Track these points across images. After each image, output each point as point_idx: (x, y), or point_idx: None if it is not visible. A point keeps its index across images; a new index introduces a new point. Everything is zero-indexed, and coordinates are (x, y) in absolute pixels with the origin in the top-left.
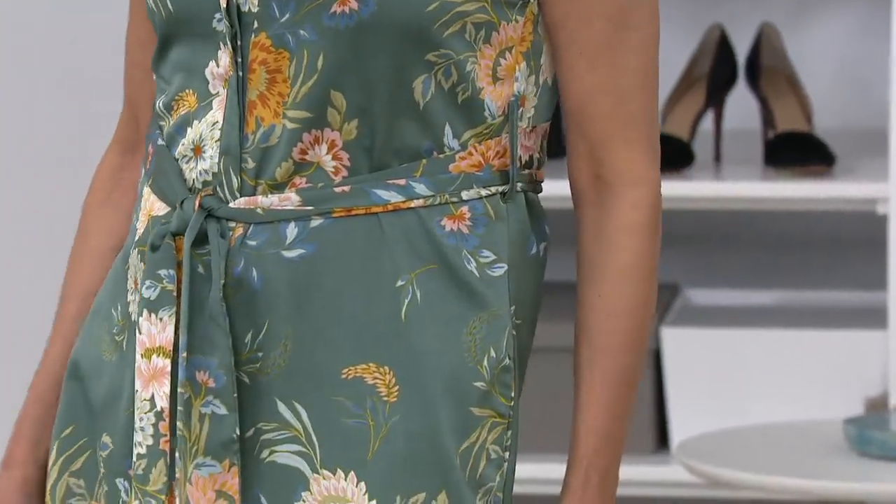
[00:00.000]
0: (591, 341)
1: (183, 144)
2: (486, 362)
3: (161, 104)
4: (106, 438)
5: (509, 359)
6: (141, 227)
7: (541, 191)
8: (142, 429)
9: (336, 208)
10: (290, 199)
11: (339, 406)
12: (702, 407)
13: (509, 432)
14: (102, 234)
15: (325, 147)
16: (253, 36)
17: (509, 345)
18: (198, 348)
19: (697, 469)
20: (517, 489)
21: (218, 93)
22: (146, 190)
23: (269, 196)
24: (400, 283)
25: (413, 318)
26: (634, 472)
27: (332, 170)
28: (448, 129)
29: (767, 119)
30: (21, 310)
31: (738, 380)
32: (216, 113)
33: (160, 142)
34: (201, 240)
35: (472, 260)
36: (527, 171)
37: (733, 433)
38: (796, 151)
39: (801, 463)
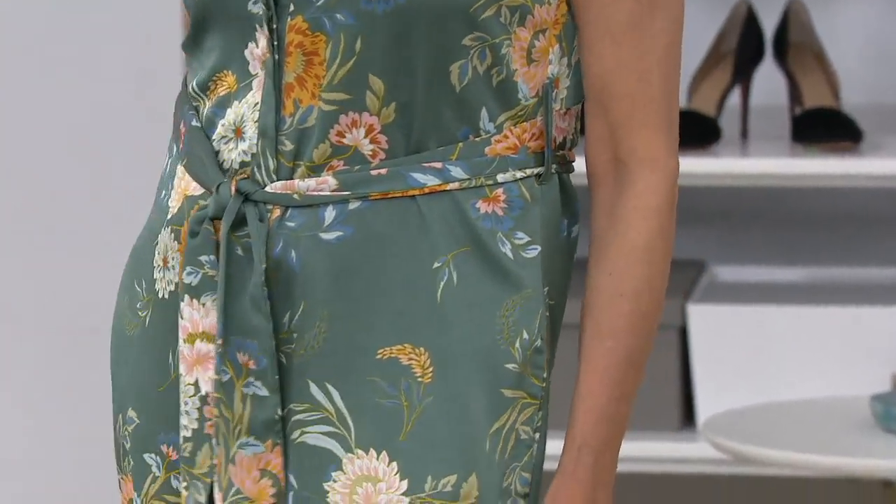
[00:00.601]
0: (596, 321)
1: (223, 125)
2: (518, 344)
3: (196, 84)
4: (132, 413)
5: (542, 340)
6: (174, 205)
7: (573, 170)
8: (187, 413)
9: (373, 192)
10: (327, 183)
11: (374, 386)
12: (728, 384)
13: (540, 413)
14: None
15: (362, 130)
16: (289, 19)
17: (542, 326)
18: (239, 331)
19: (723, 446)
20: (545, 466)
21: (257, 74)
22: (180, 169)
23: (307, 180)
24: (437, 264)
25: (448, 300)
26: (660, 449)
27: (370, 153)
28: (484, 113)
29: (795, 95)
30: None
31: (765, 356)
32: (256, 94)
33: (195, 122)
34: (239, 222)
35: (506, 242)
36: (560, 153)
37: (759, 410)
38: (823, 127)
39: (828, 439)
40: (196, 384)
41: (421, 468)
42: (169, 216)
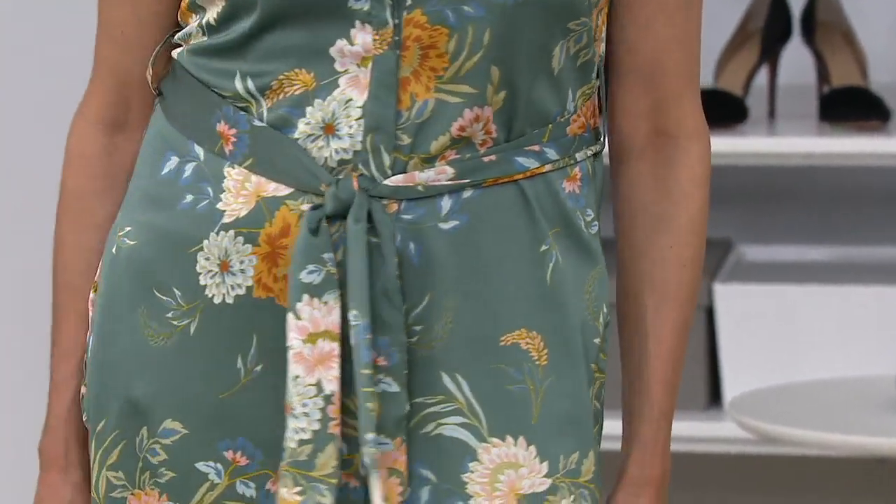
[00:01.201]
0: (660, 292)
1: (308, 124)
2: (600, 318)
3: (248, 87)
4: (172, 424)
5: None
6: (240, 208)
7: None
8: (306, 414)
9: (488, 178)
10: (445, 173)
11: (501, 373)
12: (755, 363)
13: (603, 386)
14: (107, 224)
15: (479, 121)
16: (406, 13)
17: (609, 300)
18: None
19: (750, 425)
20: None
21: (347, 70)
22: (237, 171)
23: (425, 171)
24: (544, 247)
25: (555, 281)
26: (687, 429)
27: (480, 142)
28: (570, 93)
29: (822, 74)
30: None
31: (792, 336)
32: (347, 91)
33: (257, 122)
34: (346, 218)
35: (581, 219)
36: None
37: (786, 389)
38: (851, 106)
39: (854, 419)
40: (318, 384)
41: (554, 449)
42: (227, 220)
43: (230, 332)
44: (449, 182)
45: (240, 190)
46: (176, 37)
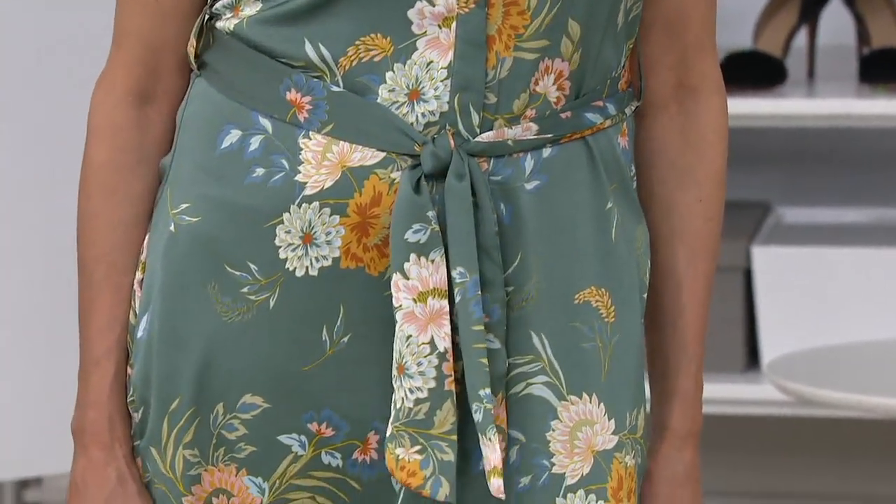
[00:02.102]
0: (691, 246)
1: (392, 91)
2: (647, 274)
3: (321, 53)
4: (252, 399)
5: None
6: (324, 179)
7: None
8: (421, 373)
9: (566, 134)
10: (530, 129)
11: (576, 332)
12: (792, 325)
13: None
14: (144, 198)
15: (552, 77)
16: None
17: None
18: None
19: (788, 388)
20: None
21: (426, 32)
22: (314, 141)
23: (513, 128)
24: (609, 205)
25: (618, 238)
26: (725, 391)
27: (555, 100)
28: (623, 48)
29: (862, 35)
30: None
31: (830, 298)
32: (427, 53)
33: (335, 88)
34: (441, 177)
35: (629, 174)
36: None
37: (824, 352)
38: (891, 68)
39: (892, 381)
40: (432, 342)
41: (620, 406)
42: (310, 192)
43: (314, 304)
44: (534, 137)
45: (321, 161)
46: (215, 6)
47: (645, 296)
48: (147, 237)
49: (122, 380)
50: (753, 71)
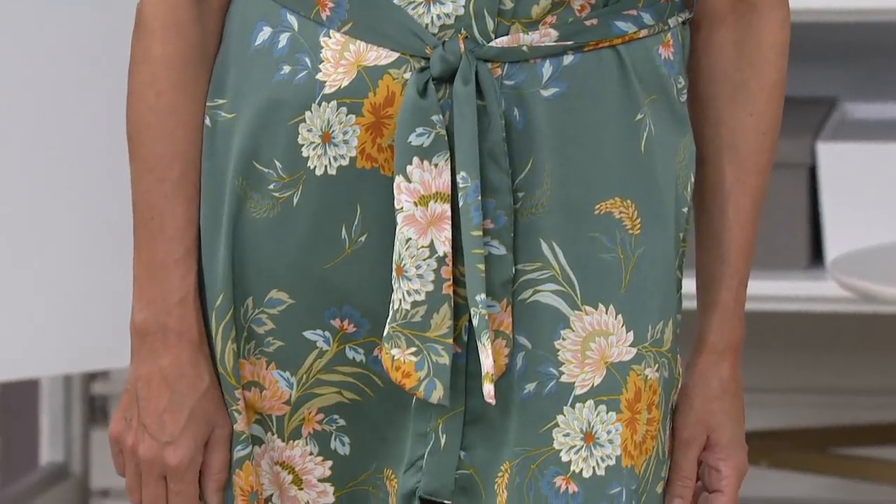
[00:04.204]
0: (742, 159)
1: None
2: (688, 188)
3: None
4: (278, 294)
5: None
6: (341, 78)
7: None
8: (420, 276)
9: (589, 42)
10: (549, 35)
11: (595, 242)
12: (857, 222)
13: (684, 255)
14: (200, 97)
15: None
16: None
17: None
18: None
19: (851, 284)
20: None
21: None
22: (334, 40)
23: (529, 34)
24: (639, 116)
25: (649, 150)
26: (788, 288)
27: (579, 7)
28: None
29: None
30: None
31: (895, 195)
32: None
33: None
34: (453, 82)
35: (674, 86)
36: None
37: (888, 249)
38: None
39: None
40: (431, 246)
41: (641, 318)
42: (329, 91)
43: (334, 202)
44: (553, 44)
45: (339, 60)
46: None
47: (685, 210)
48: None
49: (199, 279)
50: None
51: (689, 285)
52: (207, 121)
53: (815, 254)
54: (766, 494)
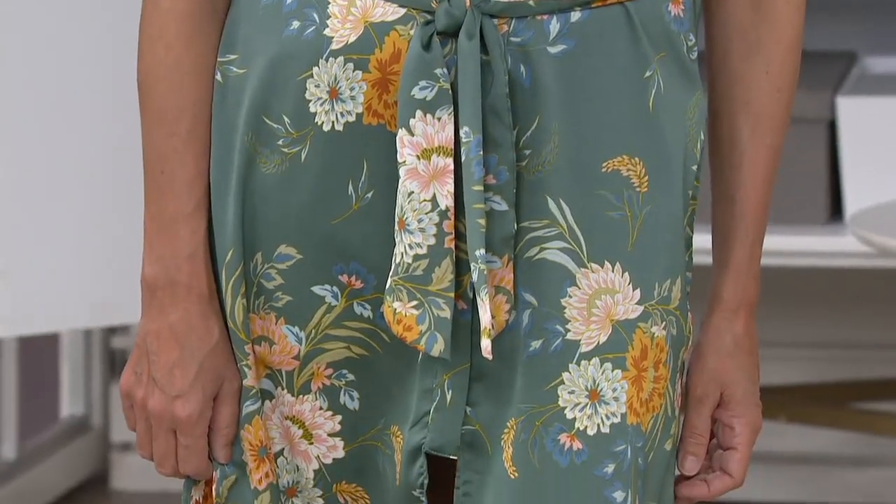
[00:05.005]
0: (755, 116)
1: None
2: (698, 145)
3: None
4: (288, 249)
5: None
6: (347, 34)
7: None
8: (422, 230)
9: None
10: None
11: (602, 200)
12: (877, 177)
13: (695, 213)
14: (209, 52)
15: None
16: None
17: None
18: None
19: (870, 239)
20: None
21: None
22: None
23: None
24: (647, 73)
25: (657, 108)
26: (807, 243)
27: None
28: None
29: None
30: None
31: None
32: None
33: None
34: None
35: (684, 43)
36: None
37: None
38: None
39: None
40: (433, 199)
41: (648, 276)
42: (336, 47)
43: (341, 158)
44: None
45: (346, 16)
46: None
47: (695, 167)
48: None
49: (209, 233)
50: None
51: (705, 241)
52: (219, 76)
53: (835, 209)
54: (785, 449)
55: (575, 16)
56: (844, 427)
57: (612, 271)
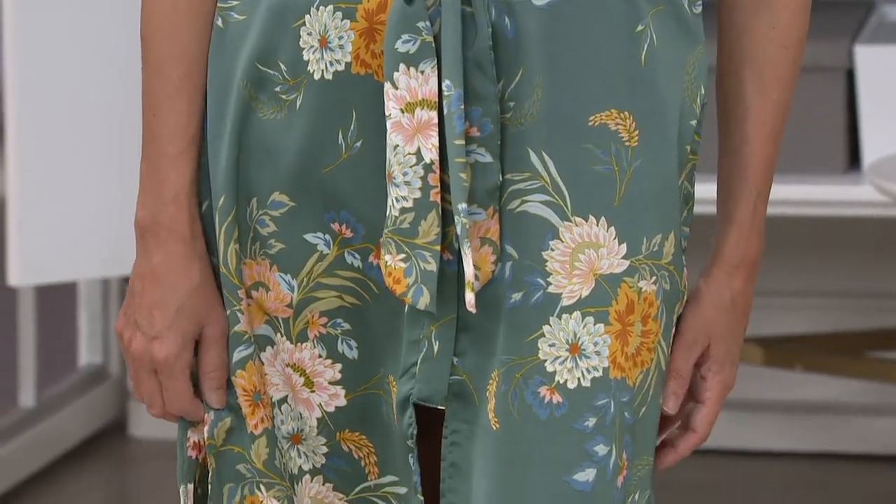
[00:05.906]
0: (760, 71)
1: None
2: (698, 100)
3: None
4: (280, 197)
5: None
6: None
7: None
8: (407, 183)
9: None
10: None
11: (588, 153)
12: (895, 126)
13: (695, 168)
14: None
15: None
16: None
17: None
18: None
19: (888, 189)
20: None
21: None
22: None
23: None
24: (640, 27)
25: (650, 62)
26: (825, 192)
27: None
28: None
29: None
30: None
31: None
32: None
33: None
34: None
35: None
36: None
37: None
38: None
39: None
40: (418, 153)
41: (635, 231)
42: None
43: (331, 107)
44: None
45: None
46: None
47: (693, 122)
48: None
49: (197, 177)
50: None
51: (710, 191)
52: (219, 21)
53: (852, 158)
54: (802, 398)
55: None
56: (860, 376)
57: (597, 225)
